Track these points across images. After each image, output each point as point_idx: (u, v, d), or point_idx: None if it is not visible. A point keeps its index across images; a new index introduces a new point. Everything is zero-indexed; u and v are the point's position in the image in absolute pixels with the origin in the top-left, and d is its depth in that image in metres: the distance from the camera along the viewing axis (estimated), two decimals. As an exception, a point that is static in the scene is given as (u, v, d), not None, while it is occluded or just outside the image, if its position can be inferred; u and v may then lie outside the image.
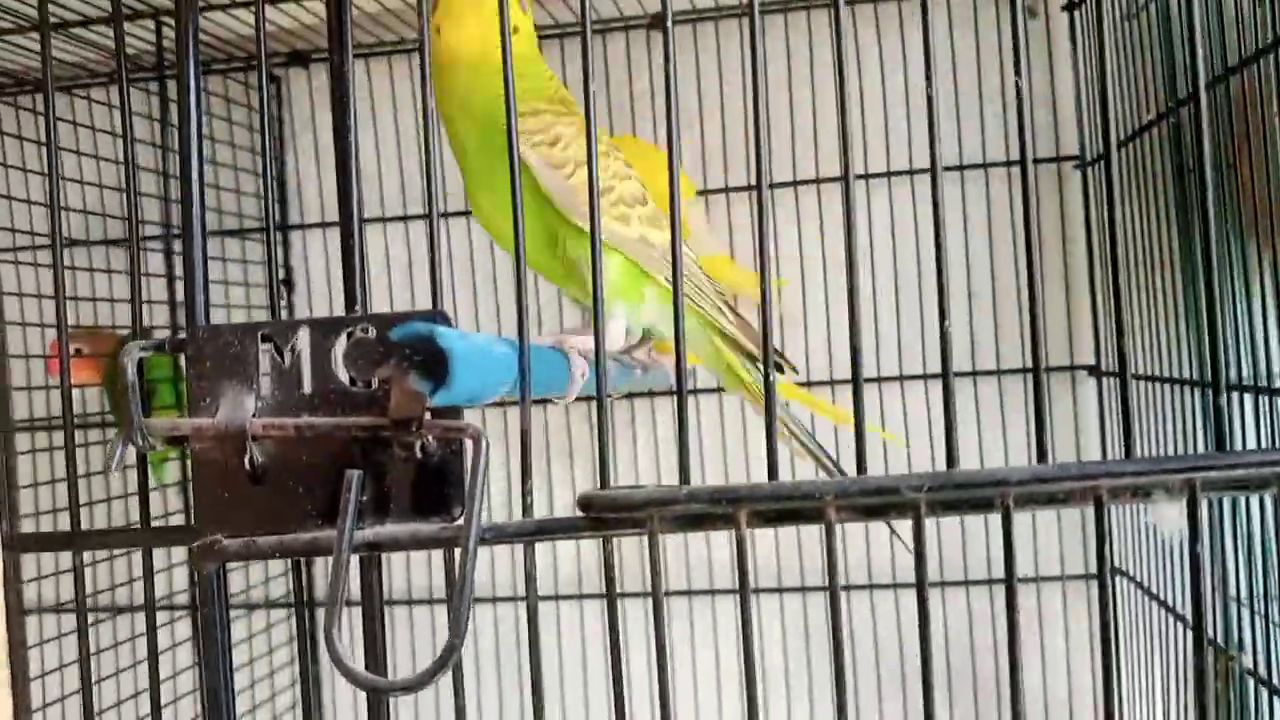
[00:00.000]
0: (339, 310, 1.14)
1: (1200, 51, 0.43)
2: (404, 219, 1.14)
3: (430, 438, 0.37)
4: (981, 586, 1.07)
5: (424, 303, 1.12)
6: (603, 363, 0.38)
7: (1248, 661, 0.74)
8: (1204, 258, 0.37)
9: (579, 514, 0.37)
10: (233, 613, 1.03)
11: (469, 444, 0.37)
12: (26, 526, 0.94)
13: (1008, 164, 1.07)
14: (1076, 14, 1.05)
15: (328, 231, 1.15)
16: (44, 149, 1.07)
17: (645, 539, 0.35)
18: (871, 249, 1.08)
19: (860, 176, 1.08)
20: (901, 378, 1.08)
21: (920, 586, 0.35)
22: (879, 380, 1.07)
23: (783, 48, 1.09)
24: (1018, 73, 0.38)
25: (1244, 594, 0.73)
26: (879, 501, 0.35)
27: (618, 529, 0.36)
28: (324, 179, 1.16)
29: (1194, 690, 0.36)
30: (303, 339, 0.38)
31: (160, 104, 1.02)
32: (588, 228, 0.44)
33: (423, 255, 1.13)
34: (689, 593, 1.10)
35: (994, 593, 1.06)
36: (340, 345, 0.38)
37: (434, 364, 0.33)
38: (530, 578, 0.37)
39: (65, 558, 0.57)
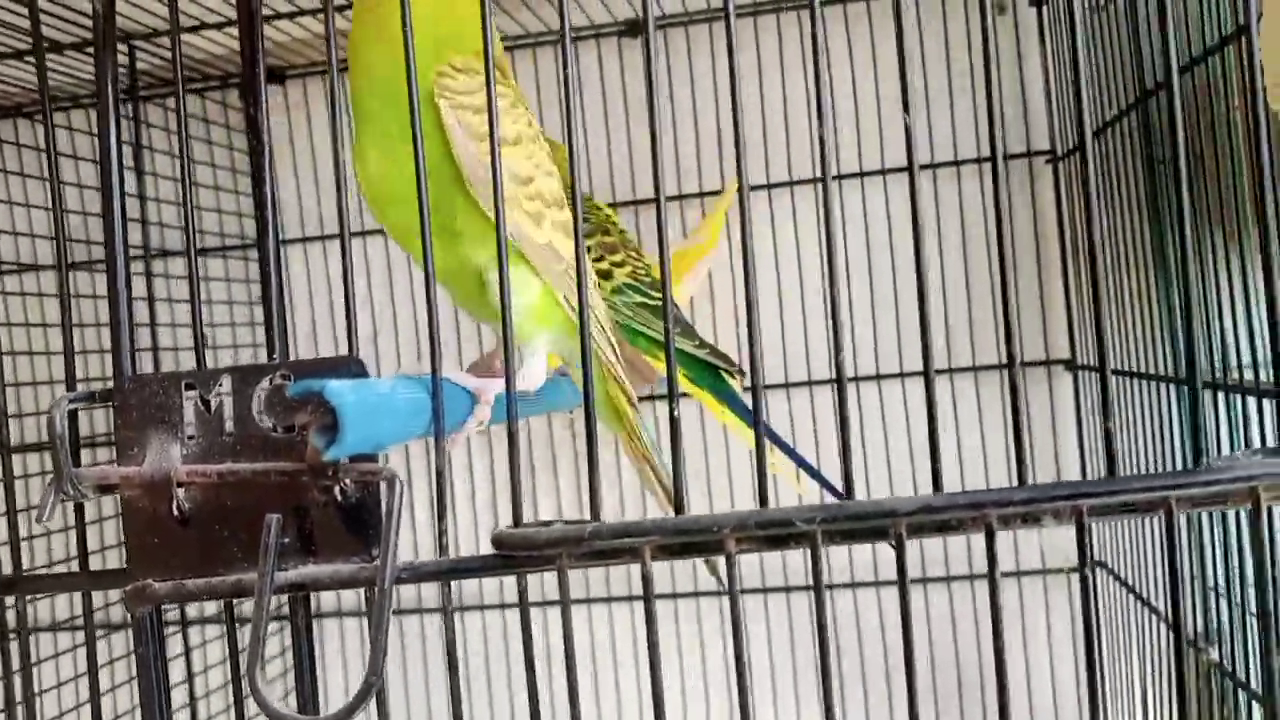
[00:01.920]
0: (322, 324, 1.16)
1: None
2: (362, 235, 1.16)
3: (348, 480, 0.38)
4: (963, 582, 1.07)
5: (386, 318, 1.14)
6: (514, 402, 0.39)
7: (1215, 656, 0.74)
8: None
9: (493, 552, 0.38)
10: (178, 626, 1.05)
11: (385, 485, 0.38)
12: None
13: (979, 160, 1.08)
14: (1044, 9, 1.05)
15: (308, 246, 1.17)
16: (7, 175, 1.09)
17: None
18: (846, 249, 1.09)
19: (835, 177, 1.09)
20: (879, 376, 1.09)
21: (820, 603, 0.36)
22: (856, 380, 1.08)
23: (753, 51, 1.10)
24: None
25: (1220, 582, 0.74)
26: (776, 533, 0.36)
27: (529, 566, 0.37)
28: (302, 194, 1.17)
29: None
30: (225, 387, 0.39)
31: (134, 127, 1.04)
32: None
33: (398, 265, 1.15)
34: (674, 595, 1.11)
35: (975, 587, 1.07)
36: (260, 392, 0.39)
37: (330, 420, 0.34)
38: (448, 613, 0.38)
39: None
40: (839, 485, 0.83)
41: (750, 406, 0.86)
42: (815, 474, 0.87)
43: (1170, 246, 0.82)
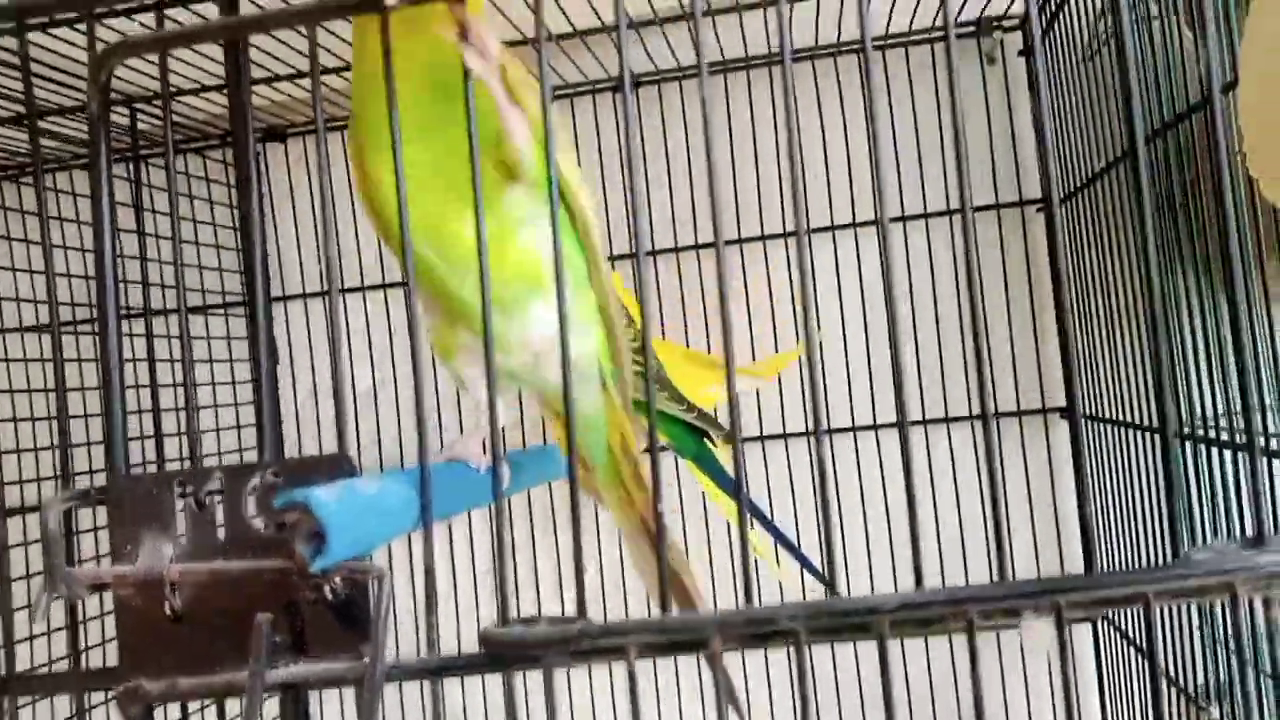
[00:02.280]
0: (323, 382, 1.17)
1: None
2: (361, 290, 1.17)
3: (337, 579, 0.39)
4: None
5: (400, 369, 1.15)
6: (499, 478, 0.39)
7: (1216, 714, 0.74)
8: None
9: (480, 650, 0.38)
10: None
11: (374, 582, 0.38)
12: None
13: (974, 209, 1.08)
14: (1033, 60, 1.06)
15: (309, 302, 1.18)
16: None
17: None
18: (841, 300, 1.10)
19: (818, 229, 1.10)
20: (854, 428, 1.09)
21: (804, 698, 0.37)
22: (830, 432, 1.08)
23: (724, 106, 1.11)
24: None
25: (1220, 636, 0.73)
26: (760, 630, 0.36)
27: (517, 665, 0.38)
28: (304, 251, 1.18)
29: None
30: (216, 486, 0.40)
31: (134, 188, 1.05)
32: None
33: (401, 319, 1.16)
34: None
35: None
36: (251, 492, 0.40)
37: (315, 530, 0.34)
38: (438, 715, 0.38)
39: None
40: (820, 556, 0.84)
41: (725, 473, 0.87)
42: (797, 554, 0.87)
43: (1163, 294, 0.83)
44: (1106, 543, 0.98)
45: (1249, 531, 0.37)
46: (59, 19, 0.60)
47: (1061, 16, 0.96)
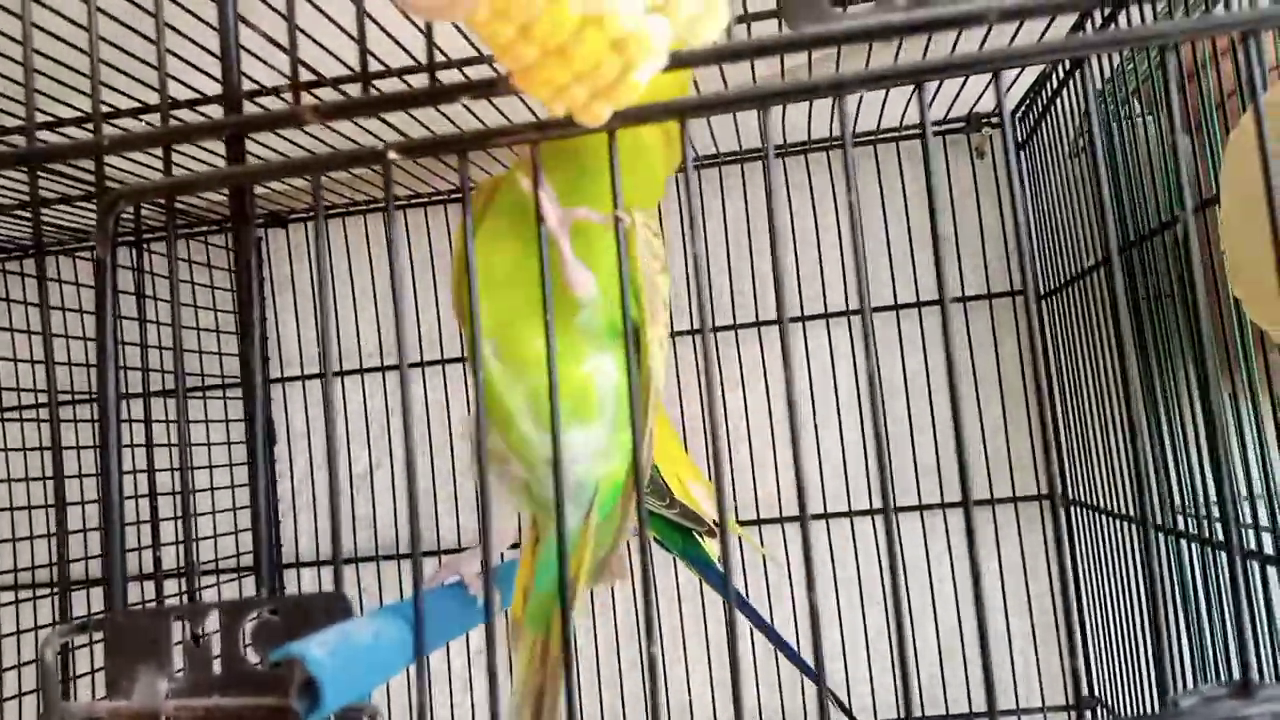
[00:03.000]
0: (319, 459, 1.17)
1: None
2: (360, 372, 1.17)
3: (332, 717, 0.39)
4: (961, 720, 1.07)
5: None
6: (490, 591, 0.39)
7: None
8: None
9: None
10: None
11: (369, 721, 0.38)
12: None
13: (964, 299, 1.10)
14: (1023, 154, 1.08)
15: (307, 384, 1.18)
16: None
17: None
18: (836, 387, 1.11)
19: (803, 317, 1.11)
20: (851, 513, 1.09)
21: None
22: (827, 515, 1.09)
23: (719, 196, 1.13)
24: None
25: None
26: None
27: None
28: (303, 333, 1.19)
29: None
30: (212, 622, 0.40)
31: (138, 276, 1.06)
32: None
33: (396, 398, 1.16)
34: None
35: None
36: (248, 628, 0.40)
37: (310, 684, 0.35)
38: None
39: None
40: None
41: (715, 569, 0.87)
42: (792, 654, 0.87)
43: (1157, 386, 0.84)
44: (1099, 633, 0.98)
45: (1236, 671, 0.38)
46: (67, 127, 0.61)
47: (1051, 113, 0.98)
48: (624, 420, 0.56)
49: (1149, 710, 0.82)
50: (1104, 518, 0.95)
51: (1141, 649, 0.83)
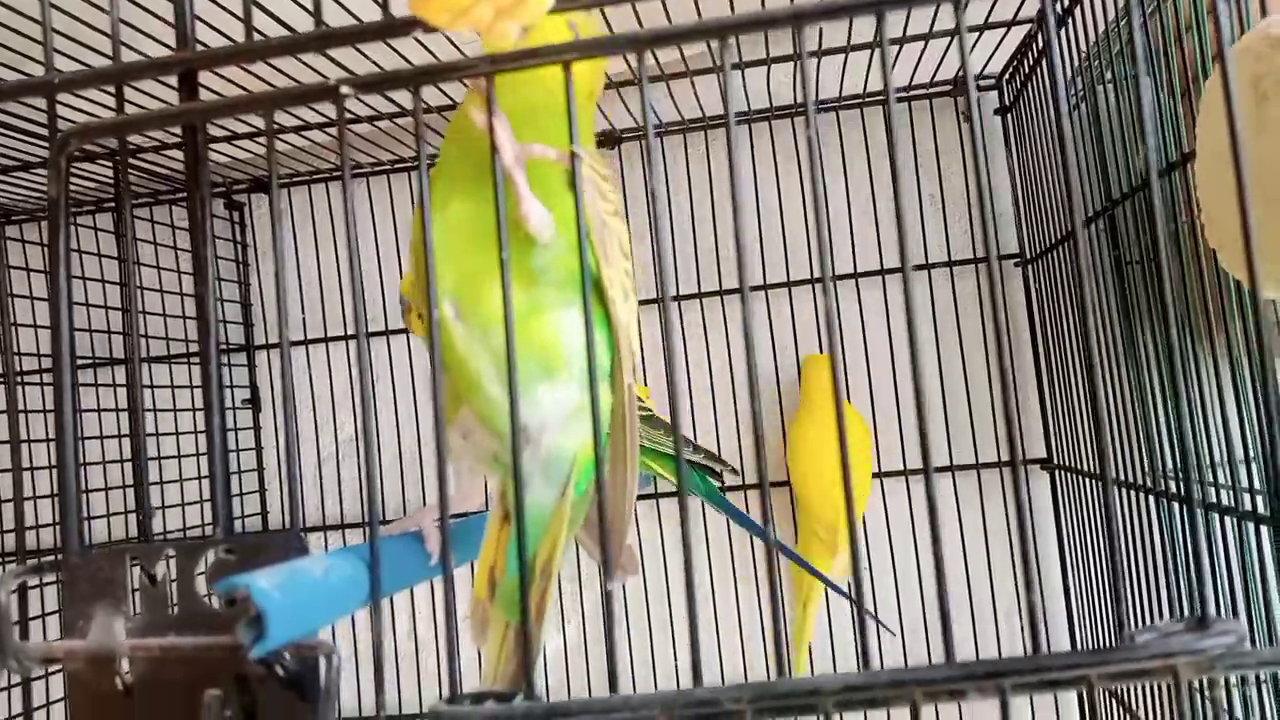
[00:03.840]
0: (305, 427, 1.17)
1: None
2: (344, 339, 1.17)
3: (287, 655, 0.39)
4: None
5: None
6: (452, 579, 0.39)
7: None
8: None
9: (428, 727, 0.38)
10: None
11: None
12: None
13: (949, 264, 1.09)
14: (1009, 117, 1.08)
15: (293, 350, 1.18)
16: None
17: None
18: (844, 349, 1.10)
19: (795, 282, 1.10)
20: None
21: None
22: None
23: (704, 162, 1.12)
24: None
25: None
26: (705, 712, 0.37)
27: (464, 743, 0.38)
28: (288, 299, 1.19)
29: None
30: (169, 562, 0.40)
31: (117, 240, 1.06)
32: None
33: (380, 363, 1.16)
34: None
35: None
36: (203, 567, 0.40)
37: (256, 616, 0.35)
38: (385, 788, 0.38)
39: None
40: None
41: (739, 509, 0.87)
42: (821, 576, 0.87)
43: (1140, 347, 0.84)
44: (1090, 596, 0.98)
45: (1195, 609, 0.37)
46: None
47: (1038, 73, 0.97)
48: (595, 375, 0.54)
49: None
50: (1091, 482, 0.95)
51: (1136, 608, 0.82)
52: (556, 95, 0.47)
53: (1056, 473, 1.06)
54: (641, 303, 1.11)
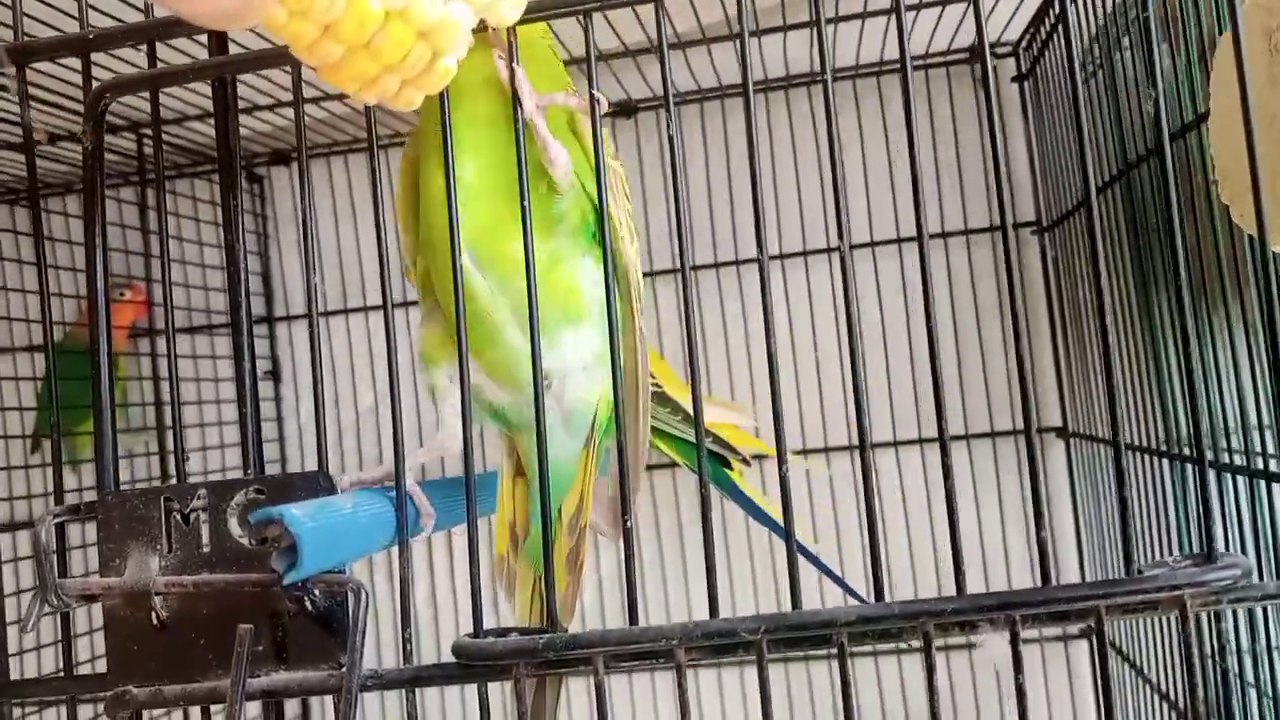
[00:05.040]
0: (325, 398, 1.18)
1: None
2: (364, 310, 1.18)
3: (317, 590, 0.40)
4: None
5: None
6: (474, 510, 0.40)
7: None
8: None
9: (453, 661, 0.39)
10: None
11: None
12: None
13: (966, 232, 1.10)
14: (1025, 85, 1.08)
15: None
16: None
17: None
18: (864, 319, 1.11)
19: (810, 251, 1.11)
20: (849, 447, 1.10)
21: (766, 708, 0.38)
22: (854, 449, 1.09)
23: (721, 131, 1.13)
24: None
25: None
26: (722, 643, 0.38)
27: (488, 676, 0.39)
28: (296, 271, 1.20)
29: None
30: (201, 501, 0.42)
31: (142, 212, 1.07)
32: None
33: (401, 334, 1.17)
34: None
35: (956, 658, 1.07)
36: (234, 507, 0.41)
37: (289, 546, 0.36)
38: (412, 718, 0.40)
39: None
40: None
41: (750, 499, 0.87)
42: (838, 579, 0.87)
43: (1156, 313, 0.84)
44: (1106, 566, 0.99)
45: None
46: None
47: (1054, 40, 0.97)
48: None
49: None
50: (1106, 448, 0.95)
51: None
52: (536, 48, 0.48)
53: (1071, 440, 1.06)
54: (660, 273, 1.12)
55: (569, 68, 0.97)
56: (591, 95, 0.41)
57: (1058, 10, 0.95)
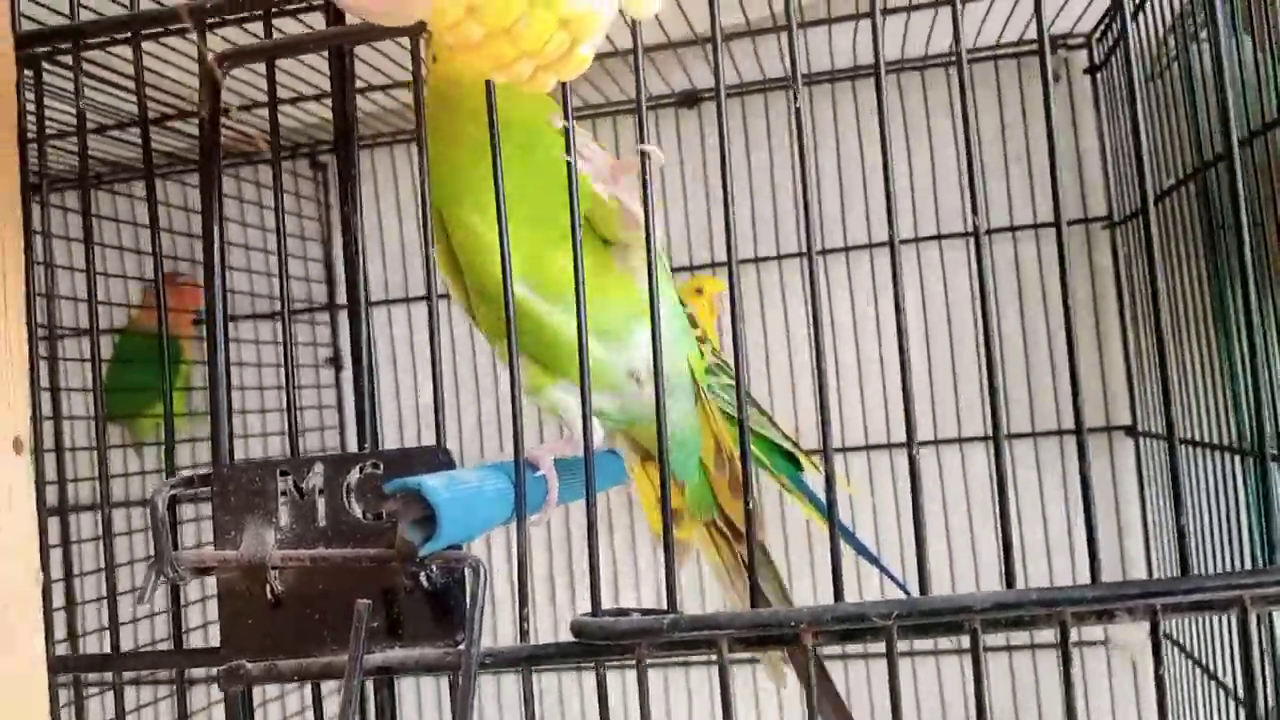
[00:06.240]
0: (386, 389, 1.18)
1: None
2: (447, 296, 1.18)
3: (434, 567, 0.40)
4: (1025, 652, 1.06)
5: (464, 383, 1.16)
6: (593, 474, 0.40)
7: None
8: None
9: (572, 640, 0.39)
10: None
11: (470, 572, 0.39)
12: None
13: (1035, 226, 1.08)
14: (1098, 77, 1.06)
15: (375, 310, 1.19)
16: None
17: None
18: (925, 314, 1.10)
19: (867, 245, 1.10)
20: (936, 442, 1.09)
21: (895, 694, 0.37)
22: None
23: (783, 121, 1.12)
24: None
25: None
26: (852, 627, 0.37)
27: (608, 656, 0.38)
28: (369, 259, 1.20)
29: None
30: (317, 475, 0.41)
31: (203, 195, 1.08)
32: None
33: (462, 330, 1.17)
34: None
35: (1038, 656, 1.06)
36: (351, 480, 0.41)
37: (424, 516, 0.35)
38: (529, 698, 0.39)
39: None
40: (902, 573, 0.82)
41: (819, 493, 0.86)
42: (885, 570, 0.86)
43: (1231, 312, 0.82)
44: (1171, 563, 0.97)
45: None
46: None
47: (1127, 35, 0.95)
48: (674, 302, 0.56)
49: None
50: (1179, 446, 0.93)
51: (1212, 564, 0.81)
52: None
53: (1141, 439, 1.04)
54: (708, 266, 1.11)
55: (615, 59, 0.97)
56: (642, 152, 0.41)
57: (1134, 2, 0.94)
